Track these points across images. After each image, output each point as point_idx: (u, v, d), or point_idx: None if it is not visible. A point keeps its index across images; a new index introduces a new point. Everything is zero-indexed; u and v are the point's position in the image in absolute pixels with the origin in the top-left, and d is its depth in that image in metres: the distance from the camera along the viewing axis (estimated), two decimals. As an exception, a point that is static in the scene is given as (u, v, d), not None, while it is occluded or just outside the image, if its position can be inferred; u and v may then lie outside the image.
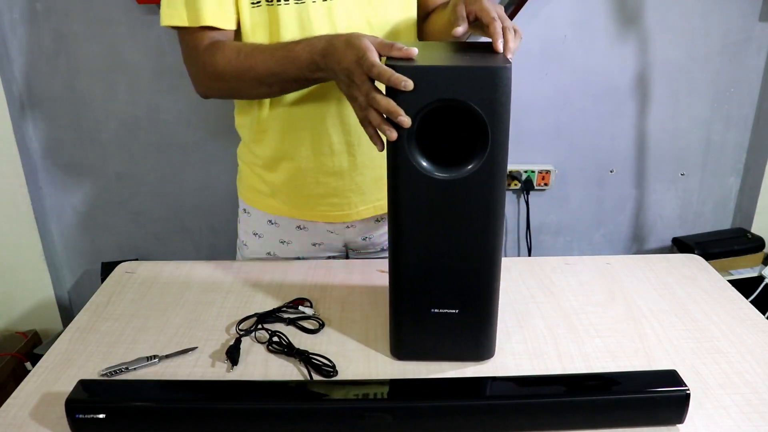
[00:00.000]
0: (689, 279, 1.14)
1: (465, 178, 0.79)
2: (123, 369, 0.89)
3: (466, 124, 0.77)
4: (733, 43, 1.94)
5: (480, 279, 0.85)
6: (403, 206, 0.81)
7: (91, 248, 2.08)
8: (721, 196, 2.16)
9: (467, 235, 0.82)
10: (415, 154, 0.79)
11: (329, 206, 1.17)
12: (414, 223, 0.82)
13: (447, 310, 0.86)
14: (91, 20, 1.78)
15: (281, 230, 1.22)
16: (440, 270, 0.84)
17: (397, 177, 0.80)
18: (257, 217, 1.23)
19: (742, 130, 2.07)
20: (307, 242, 1.23)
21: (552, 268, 1.18)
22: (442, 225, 0.82)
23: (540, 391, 0.81)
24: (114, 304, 1.07)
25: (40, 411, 0.82)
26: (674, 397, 0.78)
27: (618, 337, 0.97)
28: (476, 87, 0.75)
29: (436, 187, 0.79)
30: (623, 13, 1.88)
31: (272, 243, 1.24)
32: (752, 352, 0.93)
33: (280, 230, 1.22)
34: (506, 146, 0.78)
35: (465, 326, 0.87)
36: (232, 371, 0.90)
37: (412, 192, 0.80)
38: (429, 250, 0.83)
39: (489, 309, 0.87)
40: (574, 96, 1.97)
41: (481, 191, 0.80)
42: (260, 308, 1.04)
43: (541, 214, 2.13)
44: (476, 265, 0.84)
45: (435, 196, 0.80)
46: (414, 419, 0.78)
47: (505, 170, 0.80)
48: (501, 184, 0.80)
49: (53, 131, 1.93)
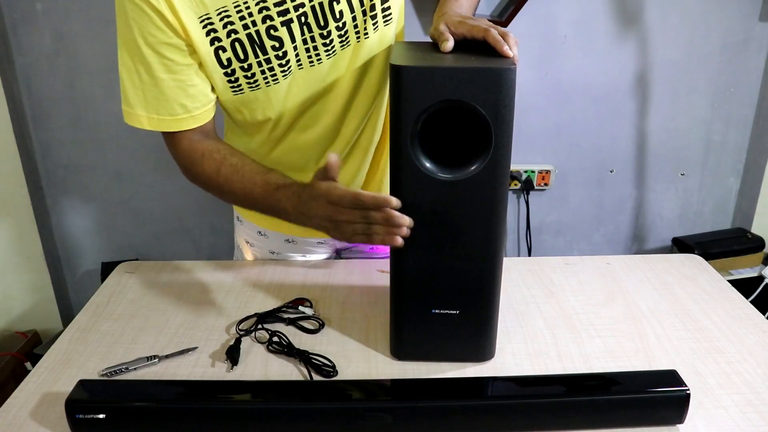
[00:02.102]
0: (689, 279, 1.14)
1: (468, 179, 0.79)
2: (123, 369, 0.89)
3: (470, 125, 0.77)
4: (733, 43, 1.94)
5: (481, 280, 0.85)
6: (406, 207, 0.81)
7: (91, 248, 2.08)
8: (721, 196, 2.16)
9: (469, 236, 0.82)
10: (418, 154, 0.79)
11: None
12: (416, 224, 0.82)
13: (448, 311, 0.86)
14: (91, 20, 1.78)
15: (270, 241, 1.22)
16: (442, 270, 0.84)
17: (399, 178, 0.80)
18: (248, 226, 1.23)
19: (742, 130, 2.07)
20: (296, 252, 1.23)
21: (552, 268, 1.18)
22: (445, 226, 0.82)
23: (540, 391, 0.81)
24: (114, 304, 1.07)
25: (40, 411, 0.82)
26: (674, 397, 0.78)
27: (618, 337, 0.97)
28: (480, 88, 0.75)
29: (438, 187, 0.79)
30: (623, 13, 1.88)
31: (263, 252, 1.24)
32: (752, 352, 0.93)
33: (269, 241, 1.22)
34: (509, 148, 0.78)
35: (465, 327, 0.87)
36: (232, 371, 0.90)
37: (414, 193, 0.80)
38: (431, 251, 0.83)
39: (490, 310, 0.87)
40: (574, 96, 1.97)
41: (483, 192, 0.80)
42: (260, 308, 1.04)
43: (541, 214, 2.13)
44: (478, 266, 0.84)
45: (437, 197, 0.80)
46: (414, 419, 0.78)
47: (508, 172, 0.80)
48: (504, 186, 0.80)
49: (53, 131, 1.93)
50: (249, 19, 0.89)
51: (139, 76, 0.90)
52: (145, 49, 0.88)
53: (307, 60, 0.95)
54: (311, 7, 0.90)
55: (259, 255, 1.25)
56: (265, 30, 0.90)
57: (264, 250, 1.24)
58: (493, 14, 1.88)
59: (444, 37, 0.84)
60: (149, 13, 0.85)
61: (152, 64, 0.89)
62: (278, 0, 0.89)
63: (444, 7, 0.95)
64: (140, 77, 0.90)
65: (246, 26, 0.89)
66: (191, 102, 0.93)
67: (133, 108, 0.93)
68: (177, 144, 0.97)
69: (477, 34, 0.84)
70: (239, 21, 0.89)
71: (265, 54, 0.92)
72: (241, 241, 1.27)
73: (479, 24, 0.84)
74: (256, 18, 0.89)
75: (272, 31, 0.90)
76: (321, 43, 0.94)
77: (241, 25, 0.89)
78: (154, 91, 0.91)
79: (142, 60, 0.89)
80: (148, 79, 0.90)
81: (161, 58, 0.88)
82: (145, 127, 0.93)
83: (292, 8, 0.90)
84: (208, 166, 0.96)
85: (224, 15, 0.88)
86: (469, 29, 0.84)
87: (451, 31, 0.86)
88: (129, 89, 0.92)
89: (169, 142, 0.98)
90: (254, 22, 0.89)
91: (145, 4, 0.85)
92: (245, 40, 0.90)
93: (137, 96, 0.91)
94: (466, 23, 0.85)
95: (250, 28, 0.89)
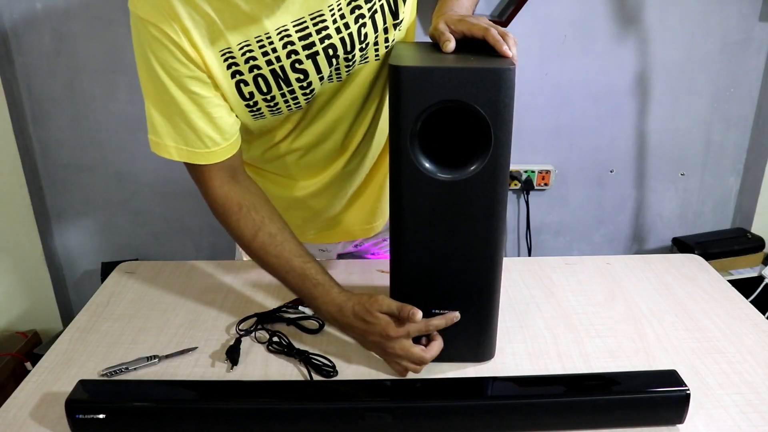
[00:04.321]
0: (689, 279, 1.14)
1: (467, 179, 0.79)
2: (123, 369, 0.89)
3: (469, 125, 0.77)
4: (733, 43, 1.94)
5: (481, 280, 0.85)
6: (406, 207, 0.81)
7: (91, 248, 2.08)
8: (721, 196, 2.16)
9: (469, 236, 0.82)
10: (417, 155, 0.79)
11: (318, 235, 1.18)
12: (416, 224, 0.82)
13: (448, 311, 0.86)
14: (91, 20, 1.78)
15: None
16: (441, 271, 0.84)
17: (399, 178, 0.80)
18: None
19: (742, 130, 2.07)
20: None
21: (552, 268, 1.18)
22: (444, 226, 0.82)
23: (540, 391, 0.81)
24: (114, 304, 1.07)
25: (40, 411, 0.82)
26: (674, 397, 0.78)
27: (618, 337, 0.97)
28: (480, 88, 0.75)
29: (438, 188, 0.79)
30: (623, 13, 1.88)
31: None
32: (752, 352, 0.93)
33: None
34: (509, 148, 0.78)
35: (465, 327, 0.87)
36: (232, 371, 0.90)
37: (414, 193, 0.80)
38: (431, 251, 0.83)
39: (490, 310, 0.87)
40: (574, 96, 1.97)
41: (483, 192, 0.80)
42: (260, 308, 1.04)
43: (541, 214, 2.13)
44: (477, 266, 0.84)
45: (437, 197, 0.80)
46: (414, 419, 0.78)
47: (507, 171, 0.80)
48: (503, 186, 0.80)
49: (53, 131, 1.93)
50: (273, 54, 0.85)
51: (166, 107, 0.87)
52: (169, 83, 0.84)
53: (328, 81, 0.93)
54: (340, 39, 0.88)
55: None
56: (289, 65, 0.87)
57: None
58: (493, 14, 1.88)
59: (445, 37, 0.83)
60: (169, 47, 0.82)
61: (177, 97, 0.85)
62: (303, 34, 0.85)
63: (444, 6, 0.95)
64: (167, 108, 0.87)
65: (270, 62, 0.86)
66: (220, 134, 0.89)
67: (161, 138, 0.89)
68: (208, 183, 0.93)
69: (477, 32, 0.83)
70: (262, 57, 0.85)
71: (290, 86, 0.89)
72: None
73: (479, 23, 0.84)
74: (281, 54, 0.86)
75: (297, 65, 0.87)
76: (344, 66, 0.91)
77: (264, 61, 0.86)
78: (182, 124, 0.87)
79: (166, 92, 0.85)
80: (176, 110, 0.86)
81: (186, 91, 0.85)
82: (174, 158, 0.90)
83: (317, 41, 0.86)
84: (245, 225, 0.93)
85: (246, 50, 0.84)
86: (469, 27, 0.84)
87: (451, 30, 0.85)
88: (156, 119, 0.88)
89: (199, 178, 0.94)
90: (278, 58, 0.86)
91: (164, 38, 0.81)
92: (269, 76, 0.87)
93: (164, 126, 0.88)
94: (465, 21, 0.84)
95: (274, 63, 0.86)
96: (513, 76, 0.74)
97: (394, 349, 0.85)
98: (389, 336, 0.85)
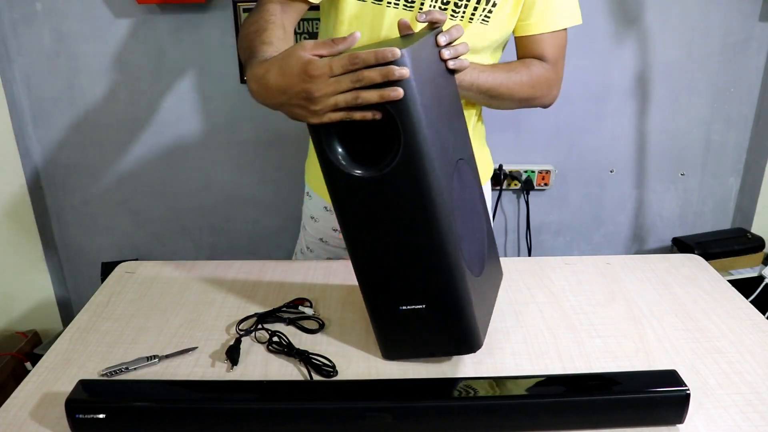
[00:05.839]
0: (689, 279, 1.14)
1: (387, 174, 0.78)
2: (123, 369, 0.89)
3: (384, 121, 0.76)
4: (733, 43, 1.94)
5: (437, 272, 0.83)
6: (342, 208, 0.81)
7: (91, 248, 2.08)
8: (721, 196, 2.16)
9: (408, 230, 0.81)
10: (336, 154, 0.79)
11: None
12: (357, 224, 0.82)
13: (414, 306, 0.85)
14: (91, 20, 1.78)
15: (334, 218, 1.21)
16: (395, 267, 0.84)
17: (328, 179, 0.80)
18: (316, 201, 1.27)
19: (742, 130, 2.07)
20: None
21: (552, 268, 1.18)
22: (383, 223, 0.81)
23: (540, 391, 0.81)
24: (114, 304, 1.07)
25: (40, 411, 0.82)
26: (674, 397, 0.78)
27: (618, 337, 0.97)
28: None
29: (365, 186, 0.79)
30: (623, 13, 1.88)
31: (325, 229, 1.27)
32: (752, 352, 0.93)
33: (333, 218, 1.23)
34: (424, 136, 0.76)
35: (436, 320, 0.86)
36: (232, 371, 0.90)
37: (345, 193, 0.81)
38: (379, 249, 0.83)
39: (455, 300, 0.84)
40: (574, 96, 1.97)
41: (405, 186, 0.78)
42: (260, 308, 1.04)
43: (541, 214, 2.13)
44: (429, 259, 0.82)
45: (366, 195, 0.80)
46: (414, 419, 0.78)
47: (426, 162, 0.77)
48: (426, 176, 0.77)
49: (53, 131, 1.93)
50: None
51: None
52: None
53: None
54: None
55: (321, 233, 1.28)
56: None
57: (327, 227, 1.27)
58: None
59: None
60: None
61: None
62: None
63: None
64: None
65: None
66: None
67: None
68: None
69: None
70: None
71: None
72: (307, 217, 1.30)
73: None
74: None
75: None
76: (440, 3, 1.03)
77: None
78: None
79: None
80: None
81: None
82: None
83: None
84: (255, 18, 0.98)
85: None
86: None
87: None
88: None
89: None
90: None
91: None
92: None
93: None
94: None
95: None
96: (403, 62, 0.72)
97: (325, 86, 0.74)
98: (311, 75, 0.74)
